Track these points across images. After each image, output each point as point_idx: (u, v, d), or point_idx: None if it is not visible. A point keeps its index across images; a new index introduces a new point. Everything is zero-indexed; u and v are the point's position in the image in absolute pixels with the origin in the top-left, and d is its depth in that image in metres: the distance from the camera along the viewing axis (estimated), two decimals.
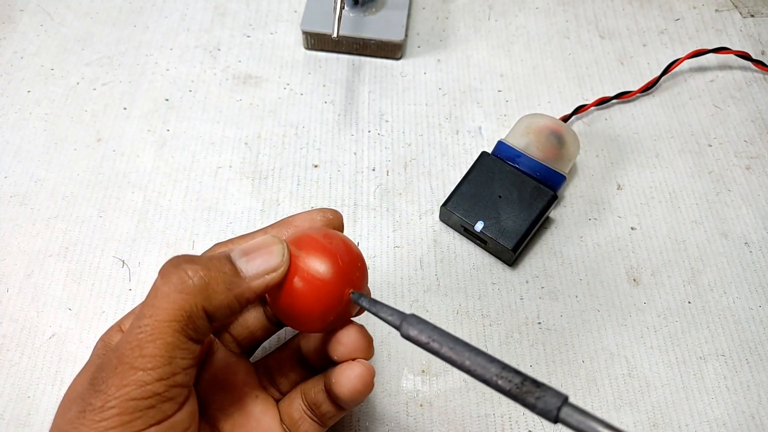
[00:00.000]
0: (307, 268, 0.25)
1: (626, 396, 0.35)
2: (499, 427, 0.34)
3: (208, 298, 0.24)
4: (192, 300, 0.23)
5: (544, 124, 0.40)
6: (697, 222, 0.41)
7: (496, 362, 0.23)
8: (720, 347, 0.37)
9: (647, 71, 0.47)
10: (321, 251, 0.26)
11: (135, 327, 0.23)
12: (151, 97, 0.46)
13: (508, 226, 0.38)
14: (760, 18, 0.50)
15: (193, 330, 0.24)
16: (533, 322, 0.37)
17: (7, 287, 0.38)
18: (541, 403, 0.21)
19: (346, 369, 0.27)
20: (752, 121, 0.45)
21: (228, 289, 0.24)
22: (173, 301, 0.23)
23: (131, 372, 0.22)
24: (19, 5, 0.50)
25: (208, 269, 0.24)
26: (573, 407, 0.21)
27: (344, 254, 0.26)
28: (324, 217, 0.29)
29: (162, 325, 0.23)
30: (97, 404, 0.22)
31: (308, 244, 0.26)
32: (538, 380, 0.22)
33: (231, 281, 0.24)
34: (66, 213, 0.41)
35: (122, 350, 0.23)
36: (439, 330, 0.24)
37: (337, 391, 0.27)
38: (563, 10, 0.51)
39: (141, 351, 0.23)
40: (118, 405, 0.22)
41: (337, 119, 0.45)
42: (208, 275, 0.24)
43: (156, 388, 0.23)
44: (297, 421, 0.29)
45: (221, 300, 0.24)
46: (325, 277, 0.25)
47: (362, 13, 0.47)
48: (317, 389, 0.28)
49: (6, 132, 0.44)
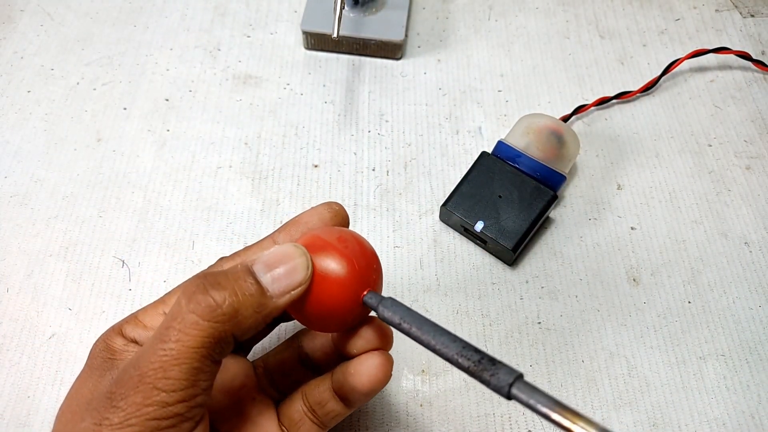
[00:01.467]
0: (324, 273, 0.25)
1: (626, 396, 0.35)
2: (499, 427, 0.34)
3: (238, 324, 0.23)
4: (222, 328, 0.23)
5: (544, 124, 0.40)
6: (697, 222, 0.41)
7: (459, 341, 0.24)
8: (720, 347, 0.37)
9: (647, 71, 0.47)
10: (337, 254, 0.26)
11: (159, 348, 0.23)
12: (151, 97, 0.46)
13: (508, 226, 0.38)
14: (760, 18, 0.50)
15: (219, 353, 0.23)
16: (533, 322, 0.37)
17: (7, 287, 0.38)
18: (495, 379, 0.22)
19: (366, 359, 0.26)
20: (752, 121, 0.45)
21: (257, 312, 0.24)
22: (202, 329, 0.23)
23: (154, 392, 0.22)
24: (19, 5, 0.50)
25: (236, 294, 0.23)
26: (525, 384, 0.22)
27: (359, 255, 0.26)
28: (331, 211, 0.28)
29: (189, 351, 0.23)
30: (115, 420, 0.22)
31: (323, 246, 0.26)
32: (495, 358, 0.23)
33: (259, 303, 0.24)
34: (66, 213, 0.41)
35: (144, 369, 0.23)
36: (411, 312, 0.25)
37: (354, 382, 0.26)
38: (563, 10, 0.51)
39: (165, 373, 0.22)
40: (138, 423, 0.22)
41: (337, 119, 0.45)
42: (237, 302, 0.23)
43: (178, 409, 0.22)
44: (297, 423, 0.28)
45: (250, 324, 0.24)
46: (343, 280, 0.25)
47: (362, 13, 0.47)
48: (322, 388, 0.28)
49: (6, 132, 0.44)
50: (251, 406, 0.29)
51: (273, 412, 0.29)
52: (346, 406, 0.28)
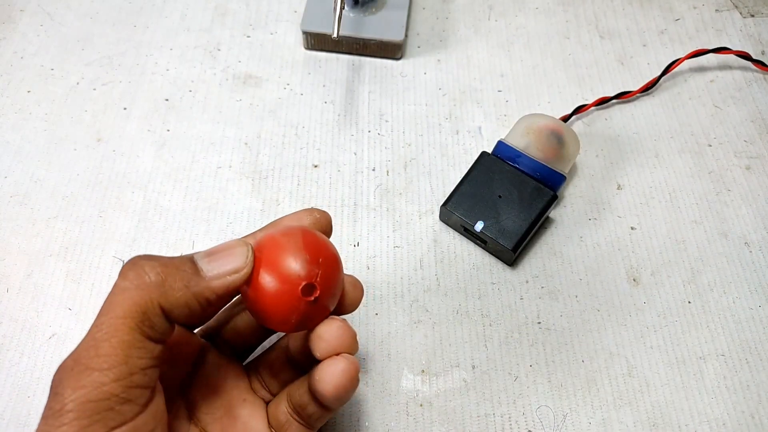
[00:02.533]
0: (263, 268, 0.25)
1: (626, 396, 0.35)
2: (499, 427, 0.34)
3: (165, 294, 0.23)
4: (147, 296, 0.23)
5: (544, 124, 0.40)
6: (697, 222, 0.41)
7: None
8: (720, 347, 0.37)
9: (647, 71, 0.47)
10: (277, 249, 0.26)
11: (93, 326, 0.23)
12: (151, 97, 0.46)
13: (508, 226, 0.38)
14: (760, 18, 0.50)
15: (149, 327, 0.23)
16: (533, 322, 0.37)
17: (7, 287, 0.38)
18: None
19: (329, 364, 0.26)
20: (752, 121, 0.45)
21: (186, 287, 0.24)
22: (129, 297, 0.23)
23: (87, 373, 0.22)
24: (19, 5, 0.50)
25: (166, 266, 0.24)
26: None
27: (305, 250, 0.26)
28: (312, 217, 0.28)
29: (117, 322, 0.22)
30: (55, 407, 0.22)
31: (267, 244, 0.26)
32: None
33: (190, 279, 0.24)
34: (66, 213, 0.41)
35: (79, 350, 0.22)
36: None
37: (320, 388, 0.26)
38: (563, 10, 0.51)
39: (96, 350, 0.22)
40: (75, 408, 0.21)
41: (337, 119, 0.45)
42: (165, 272, 0.24)
43: (113, 389, 0.22)
44: (284, 424, 0.28)
45: (178, 297, 0.24)
46: (283, 274, 0.25)
47: (362, 13, 0.47)
48: (302, 390, 0.27)
49: (6, 132, 0.44)
50: (241, 407, 0.28)
51: (263, 413, 0.29)
52: (324, 410, 0.27)
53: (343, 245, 0.40)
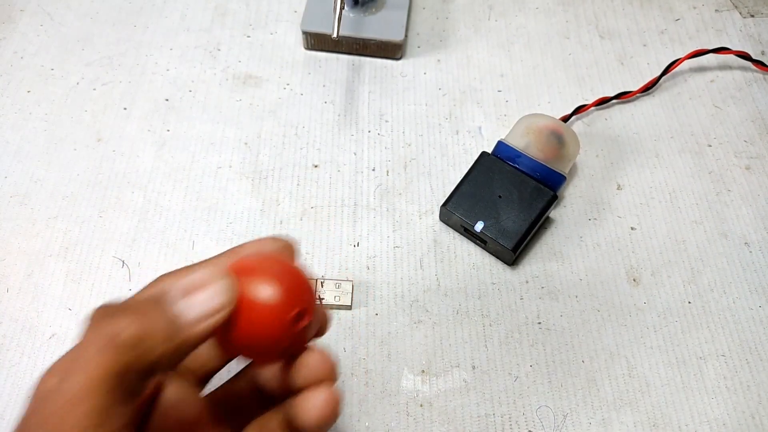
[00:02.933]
0: (250, 296, 0.23)
1: (626, 396, 0.35)
2: (499, 427, 0.34)
3: (144, 353, 0.21)
4: (123, 358, 0.20)
5: (544, 124, 0.40)
6: (697, 222, 0.41)
7: None
8: (720, 347, 0.37)
9: (647, 71, 0.47)
10: (259, 275, 0.24)
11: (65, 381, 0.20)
12: (151, 97, 0.46)
13: (508, 226, 0.38)
14: (760, 18, 0.50)
15: (127, 389, 0.21)
16: (533, 322, 0.37)
17: (7, 287, 0.38)
18: None
19: (312, 396, 0.25)
20: (752, 121, 0.45)
21: (168, 339, 0.21)
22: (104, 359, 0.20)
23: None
24: (19, 5, 0.50)
25: (141, 320, 0.21)
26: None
27: (285, 276, 0.24)
28: (276, 243, 0.26)
29: (93, 384, 0.20)
30: None
31: (248, 271, 0.24)
32: None
33: (170, 330, 0.22)
34: (66, 213, 0.41)
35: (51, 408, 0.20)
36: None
37: (303, 419, 0.24)
38: (563, 10, 0.51)
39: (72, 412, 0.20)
40: None
41: (337, 119, 0.45)
42: (141, 328, 0.21)
43: None
44: None
45: (161, 352, 0.21)
46: (273, 302, 0.24)
47: (362, 13, 0.47)
48: (275, 423, 0.26)
49: (6, 132, 0.44)
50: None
51: None
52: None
53: (343, 245, 0.40)
